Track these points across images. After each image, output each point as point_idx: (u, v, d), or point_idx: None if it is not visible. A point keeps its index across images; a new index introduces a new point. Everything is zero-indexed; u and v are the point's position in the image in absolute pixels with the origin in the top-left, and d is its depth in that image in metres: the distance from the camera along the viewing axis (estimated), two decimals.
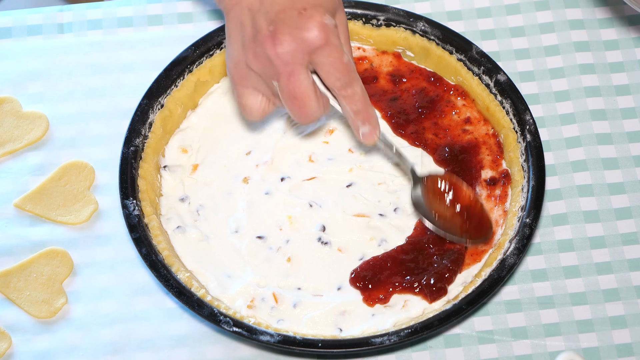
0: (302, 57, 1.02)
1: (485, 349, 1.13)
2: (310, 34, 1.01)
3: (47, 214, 1.19)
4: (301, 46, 1.01)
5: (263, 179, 1.19)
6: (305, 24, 1.01)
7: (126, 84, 1.27)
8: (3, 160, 1.23)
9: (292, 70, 1.02)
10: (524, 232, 1.13)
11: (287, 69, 1.02)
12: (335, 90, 1.05)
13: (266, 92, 1.06)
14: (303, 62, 1.02)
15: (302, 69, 1.02)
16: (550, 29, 1.30)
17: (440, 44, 1.23)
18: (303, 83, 1.03)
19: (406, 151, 1.20)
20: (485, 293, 1.10)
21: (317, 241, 1.16)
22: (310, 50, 1.02)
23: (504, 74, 1.21)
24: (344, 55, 1.03)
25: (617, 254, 1.18)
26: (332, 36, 1.02)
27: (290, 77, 1.02)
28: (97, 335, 1.14)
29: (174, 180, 1.20)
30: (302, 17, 1.01)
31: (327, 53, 1.02)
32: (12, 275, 1.16)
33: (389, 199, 1.18)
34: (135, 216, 1.14)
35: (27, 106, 1.26)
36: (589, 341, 1.14)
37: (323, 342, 1.08)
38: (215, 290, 1.13)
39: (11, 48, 1.29)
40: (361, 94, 1.05)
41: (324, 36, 1.01)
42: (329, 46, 1.02)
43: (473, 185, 1.18)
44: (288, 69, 1.02)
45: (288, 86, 1.03)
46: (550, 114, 1.26)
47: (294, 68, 1.02)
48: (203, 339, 1.14)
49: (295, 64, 1.02)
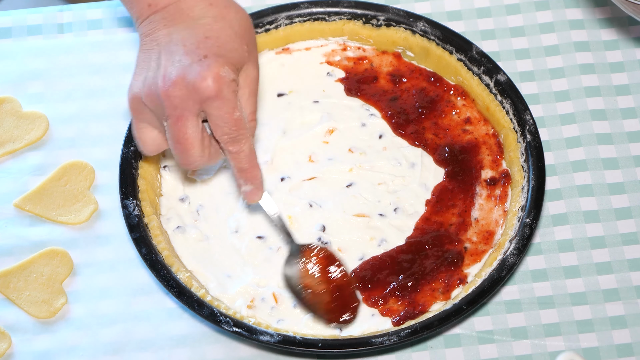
0: (192, 105, 1.01)
1: (485, 349, 1.13)
2: (203, 83, 0.99)
3: (47, 214, 1.19)
4: (192, 94, 1.00)
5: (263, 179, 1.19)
6: (201, 72, 1.00)
7: (126, 84, 1.26)
8: (3, 160, 1.23)
9: (179, 115, 1.01)
10: (524, 232, 1.13)
11: (175, 112, 1.01)
12: (222, 144, 1.04)
13: (161, 130, 1.05)
14: (193, 109, 1.01)
15: (191, 115, 1.01)
16: (550, 29, 1.30)
17: (440, 44, 1.24)
18: (188, 130, 1.02)
19: (407, 151, 1.20)
20: (485, 293, 1.10)
21: (317, 241, 1.16)
22: (200, 100, 1.00)
23: (504, 74, 1.21)
24: (235, 110, 1.01)
25: (617, 254, 1.18)
26: (226, 89, 1.00)
27: (177, 121, 1.01)
28: (97, 335, 1.14)
29: (174, 180, 1.20)
30: (200, 64, 1.00)
31: (216, 105, 1.01)
32: (12, 275, 1.16)
33: (389, 199, 1.18)
34: (135, 216, 1.14)
35: (27, 106, 1.26)
36: (589, 341, 1.14)
37: (323, 342, 1.08)
38: (215, 290, 1.13)
39: (11, 48, 1.29)
40: (248, 152, 1.05)
41: (216, 87, 1.00)
42: (219, 99, 1.00)
43: (473, 185, 1.18)
44: (176, 113, 1.01)
45: (174, 129, 1.02)
46: (550, 114, 1.26)
47: (182, 114, 1.01)
48: (203, 339, 1.14)
49: (184, 109, 1.01)
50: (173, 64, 1.01)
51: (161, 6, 1.04)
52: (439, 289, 1.13)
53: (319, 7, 1.25)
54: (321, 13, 1.25)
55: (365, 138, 1.22)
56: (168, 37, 1.02)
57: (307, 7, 1.25)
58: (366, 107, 1.23)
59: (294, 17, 1.25)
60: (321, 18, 1.25)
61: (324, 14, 1.25)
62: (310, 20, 1.25)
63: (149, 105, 1.03)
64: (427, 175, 1.19)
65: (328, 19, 1.25)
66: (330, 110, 1.23)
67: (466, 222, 1.17)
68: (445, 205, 1.18)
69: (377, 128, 1.22)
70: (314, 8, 1.25)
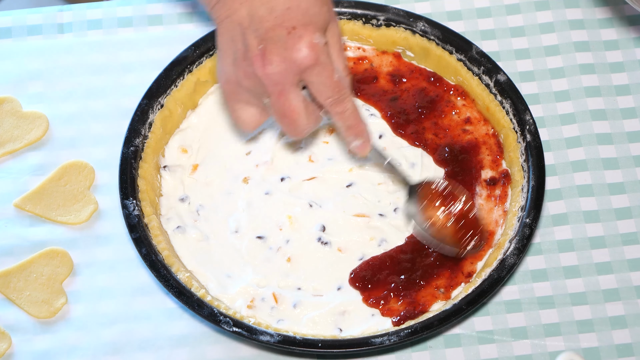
0: (292, 77, 1.02)
1: (485, 349, 1.13)
2: (299, 54, 1.01)
3: (47, 214, 1.19)
4: (290, 66, 1.02)
5: (263, 179, 1.19)
6: (295, 44, 1.01)
7: (126, 84, 1.27)
8: (3, 160, 1.23)
9: (281, 90, 1.03)
10: (524, 232, 1.13)
11: (276, 88, 1.03)
12: (326, 107, 1.06)
13: (258, 105, 1.07)
14: (293, 81, 1.03)
15: (292, 87, 1.03)
16: (550, 29, 1.30)
17: (440, 44, 1.23)
18: (293, 102, 1.04)
19: (407, 151, 1.20)
20: (485, 293, 1.10)
21: (317, 241, 1.16)
22: (299, 70, 1.02)
23: (504, 74, 1.21)
24: (334, 73, 1.03)
25: (617, 254, 1.18)
26: (322, 55, 1.02)
27: (280, 96, 1.03)
28: (97, 335, 1.14)
29: (174, 180, 1.20)
30: (291, 37, 1.01)
31: (316, 72, 1.02)
32: (12, 275, 1.16)
33: (389, 199, 1.18)
34: (135, 216, 1.14)
35: (27, 106, 1.26)
36: (589, 341, 1.14)
37: (323, 342, 1.08)
38: (215, 290, 1.13)
39: (11, 48, 1.29)
40: (352, 110, 1.06)
41: (313, 56, 1.01)
42: (318, 66, 1.02)
43: (473, 186, 1.18)
44: (278, 89, 1.03)
45: (278, 104, 1.04)
46: (550, 114, 1.26)
47: (284, 88, 1.03)
48: (203, 339, 1.14)
49: (285, 83, 1.02)
50: (263, 41, 1.01)
51: None
52: (439, 288, 1.13)
53: None
54: None
55: None
56: (248, 16, 1.02)
57: None
58: (366, 107, 1.23)
59: None
60: None
61: None
62: None
63: (246, 85, 1.04)
64: (427, 175, 1.19)
65: None
66: None
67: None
68: None
69: (377, 128, 1.22)
70: None
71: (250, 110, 1.08)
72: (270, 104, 1.05)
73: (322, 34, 1.03)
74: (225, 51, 1.05)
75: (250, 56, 1.02)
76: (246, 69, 1.03)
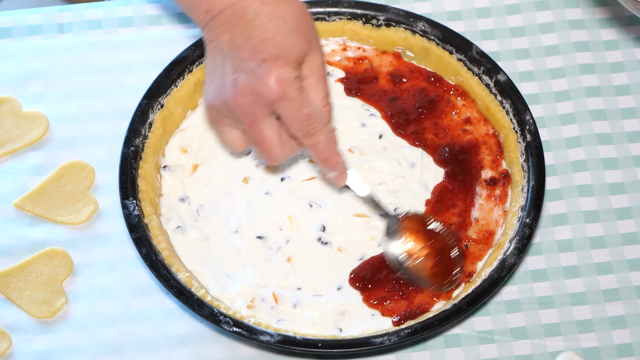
0: (261, 109, 1.04)
1: (485, 349, 1.13)
2: (266, 88, 1.02)
3: (47, 214, 1.19)
4: (258, 100, 1.03)
5: (263, 179, 1.19)
6: (262, 77, 1.02)
7: (126, 84, 1.27)
8: (3, 160, 1.23)
9: (252, 120, 1.04)
10: (524, 232, 1.13)
11: (247, 118, 1.05)
12: (298, 139, 1.07)
13: (233, 126, 1.09)
14: (263, 112, 1.04)
15: (263, 118, 1.04)
16: (550, 29, 1.30)
17: (440, 44, 1.23)
18: (264, 132, 1.05)
19: (407, 151, 1.20)
20: (485, 293, 1.10)
21: (317, 241, 1.16)
22: (267, 104, 1.03)
23: (504, 74, 1.21)
24: (303, 107, 1.04)
25: (617, 254, 1.18)
26: (290, 89, 1.03)
27: (251, 125, 1.05)
28: (97, 335, 1.14)
29: (174, 180, 1.20)
30: (260, 69, 1.02)
31: (284, 106, 1.03)
32: (12, 275, 1.16)
33: (389, 199, 1.18)
34: (135, 216, 1.14)
35: (27, 106, 1.26)
36: (589, 341, 1.14)
37: (323, 342, 1.08)
38: (215, 290, 1.13)
39: (11, 48, 1.29)
40: (325, 143, 1.07)
41: (279, 90, 1.02)
42: (285, 100, 1.03)
43: (473, 185, 1.18)
44: (249, 119, 1.04)
45: (250, 133, 1.06)
46: (550, 114, 1.26)
47: (254, 118, 1.04)
48: (203, 339, 1.14)
49: (256, 114, 1.04)
50: (236, 72, 1.03)
51: (217, 11, 1.05)
52: None
53: (319, 7, 1.25)
54: (321, 13, 1.25)
55: (365, 138, 1.22)
56: (228, 43, 1.04)
57: (307, 7, 1.25)
58: (366, 107, 1.23)
59: None
60: (321, 18, 1.25)
61: (323, 14, 1.25)
62: None
63: (224, 112, 1.06)
64: (427, 175, 1.20)
65: (328, 19, 1.25)
66: None
67: (466, 222, 1.17)
68: (445, 205, 1.18)
69: (377, 128, 1.22)
70: (313, 8, 1.25)
71: (235, 133, 1.10)
72: (245, 131, 1.07)
73: (294, 67, 1.04)
74: (210, 75, 1.07)
75: (225, 85, 1.04)
76: (221, 97, 1.05)
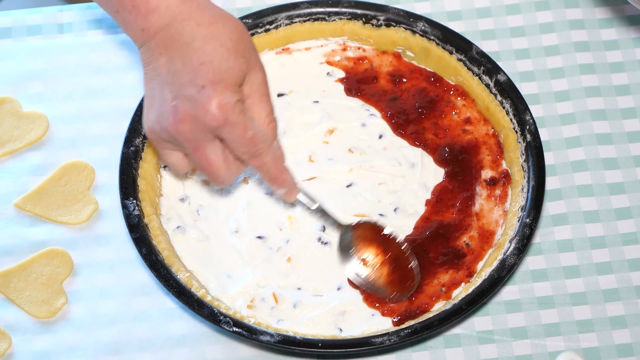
0: (204, 135, 1.02)
1: (485, 349, 1.13)
2: (207, 116, 1.00)
3: (47, 214, 1.19)
4: (200, 126, 1.01)
5: (263, 179, 1.19)
6: (203, 104, 1.00)
7: (126, 84, 1.27)
8: (3, 160, 1.23)
9: (195, 146, 1.03)
10: (524, 232, 1.13)
11: (191, 144, 1.03)
12: (244, 161, 1.05)
13: (176, 150, 1.07)
14: (206, 138, 1.02)
15: (206, 143, 1.02)
16: (550, 29, 1.30)
17: (440, 44, 1.23)
18: (209, 156, 1.03)
19: (407, 151, 1.20)
20: (485, 293, 1.10)
21: (317, 241, 1.16)
22: (209, 130, 1.01)
23: (504, 74, 1.21)
24: (246, 130, 1.02)
25: (617, 254, 1.18)
26: (232, 114, 1.01)
27: (195, 151, 1.03)
28: (97, 335, 1.14)
29: (174, 180, 1.20)
30: (200, 96, 1.00)
31: (227, 131, 1.01)
32: (12, 275, 1.16)
33: (389, 199, 1.18)
34: (135, 216, 1.14)
35: (27, 106, 1.26)
36: (589, 341, 1.14)
37: (323, 342, 1.08)
38: (215, 290, 1.13)
39: (11, 48, 1.29)
40: (271, 162, 1.06)
41: (221, 116, 1.00)
42: (227, 125, 1.01)
43: (473, 185, 1.18)
44: (192, 145, 1.03)
45: (195, 158, 1.04)
46: (550, 114, 1.26)
47: (197, 144, 1.02)
48: (203, 339, 1.14)
49: (198, 140, 1.02)
50: (175, 98, 1.01)
51: (153, 32, 1.02)
52: (439, 288, 1.13)
53: (319, 7, 1.25)
54: (321, 13, 1.25)
55: (365, 138, 1.22)
56: (166, 67, 1.02)
57: (307, 7, 1.25)
58: (366, 107, 1.23)
59: (294, 17, 1.25)
60: (321, 18, 1.25)
61: (323, 14, 1.25)
62: (310, 21, 1.25)
63: (165, 138, 1.04)
64: (427, 175, 1.20)
65: (328, 19, 1.25)
66: (330, 110, 1.23)
67: (466, 222, 1.17)
68: (445, 205, 1.18)
69: (377, 128, 1.22)
70: (314, 8, 1.25)
71: (177, 156, 1.07)
72: (190, 156, 1.05)
73: (234, 90, 1.02)
74: (149, 98, 1.04)
75: (165, 111, 1.02)
76: (162, 124, 1.03)
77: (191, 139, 1.02)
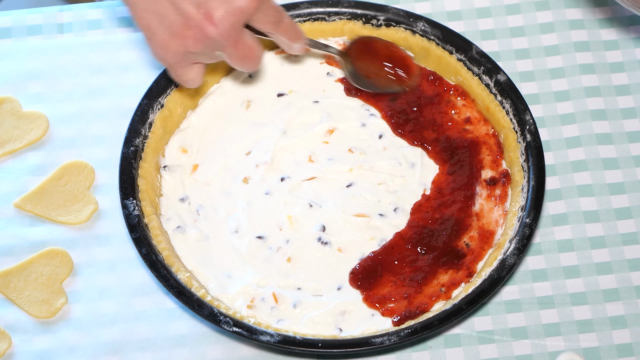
0: (240, 26, 1.06)
1: (485, 349, 1.13)
2: (242, 2, 1.05)
3: (47, 214, 1.20)
4: (238, 17, 1.05)
5: (263, 179, 1.19)
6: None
7: (126, 84, 1.27)
8: (3, 160, 1.23)
9: (236, 39, 1.07)
10: (524, 232, 1.13)
11: (231, 40, 1.07)
12: (271, 32, 1.10)
13: (202, 60, 1.11)
14: (242, 28, 1.07)
15: (243, 32, 1.08)
16: (550, 29, 1.31)
17: (440, 44, 1.23)
18: (250, 44, 1.09)
19: (407, 151, 1.20)
20: (485, 293, 1.10)
21: (317, 241, 1.16)
22: (247, 17, 1.06)
23: (504, 74, 1.21)
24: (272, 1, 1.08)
25: (617, 254, 1.18)
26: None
27: (236, 45, 1.08)
28: (97, 335, 1.14)
29: (174, 180, 1.20)
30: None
31: (263, 10, 1.06)
32: (12, 275, 1.16)
33: (389, 199, 1.18)
34: (135, 216, 1.14)
35: (27, 106, 1.26)
36: (589, 341, 1.14)
37: (323, 342, 1.08)
38: (215, 290, 1.13)
39: (11, 48, 1.29)
40: (289, 22, 1.12)
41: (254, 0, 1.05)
42: (262, 4, 1.06)
43: (473, 185, 1.18)
44: (232, 40, 1.07)
45: (237, 52, 1.08)
46: (550, 114, 1.26)
47: (237, 37, 1.07)
48: (203, 339, 1.14)
49: (237, 33, 1.07)
50: (202, 5, 1.04)
51: None
52: (439, 288, 1.13)
53: (319, 7, 1.25)
54: (321, 13, 1.25)
55: (365, 138, 1.22)
56: None
57: (307, 7, 1.25)
58: (366, 107, 1.23)
59: (293, 17, 1.25)
60: (321, 18, 1.25)
61: (323, 14, 1.25)
62: (310, 20, 1.25)
63: (197, 50, 1.07)
64: (427, 175, 1.20)
65: (328, 19, 1.25)
66: (330, 110, 1.23)
67: (466, 222, 1.17)
68: (445, 205, 1.18)
69: (377, 128, 1.22)
70: (313, 8, 1.25)
71: (194, 69, 1.11)
72: (228, 55, 1.09)
73: None
74: (155, 28, 1.07)
75: (196, 23, 1.05)
76: (195, 36, 1.06)
77: (232, 34, 1.06)
